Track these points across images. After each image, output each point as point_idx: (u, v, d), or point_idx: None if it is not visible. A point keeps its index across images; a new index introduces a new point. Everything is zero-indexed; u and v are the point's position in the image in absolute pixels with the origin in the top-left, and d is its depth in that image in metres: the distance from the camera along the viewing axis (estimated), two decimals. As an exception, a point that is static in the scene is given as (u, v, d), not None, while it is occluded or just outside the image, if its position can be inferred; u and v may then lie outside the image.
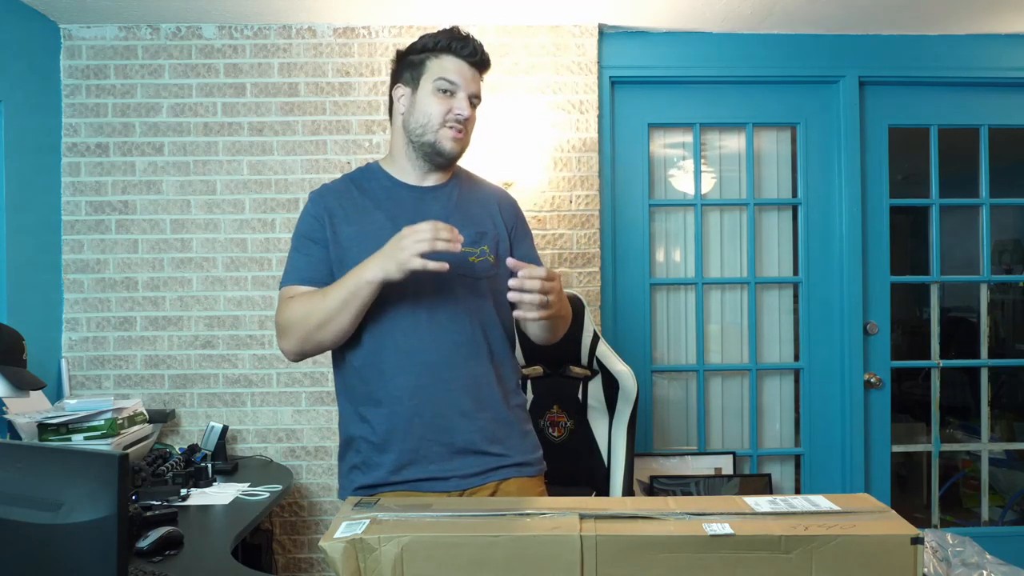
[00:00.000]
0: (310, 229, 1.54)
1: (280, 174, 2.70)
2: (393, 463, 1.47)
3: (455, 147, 1.53)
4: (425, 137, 1.52)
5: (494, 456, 1.50)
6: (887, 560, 0.98)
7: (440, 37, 1.54)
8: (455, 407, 1.48)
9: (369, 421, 1.50)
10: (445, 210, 1.55)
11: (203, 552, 1.63)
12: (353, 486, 1.52)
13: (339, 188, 1.59)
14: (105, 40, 2.69)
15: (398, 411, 1.47)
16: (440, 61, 1.52)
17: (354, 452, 1.53)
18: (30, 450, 1.23)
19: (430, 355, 1.46)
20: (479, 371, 1.50)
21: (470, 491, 1.48)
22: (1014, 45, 2.83)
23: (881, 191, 2.87)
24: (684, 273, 2.94)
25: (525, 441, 1.57)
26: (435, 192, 1.58)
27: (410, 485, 1.47)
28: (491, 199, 1.64)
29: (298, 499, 2.70)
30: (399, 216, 1.51)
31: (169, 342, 2.69)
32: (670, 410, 2.94)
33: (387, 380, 1.48)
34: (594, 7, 2.58)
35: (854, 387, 2.83)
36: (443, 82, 1.51)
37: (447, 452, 1.48)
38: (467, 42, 1.53)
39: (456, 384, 1.48)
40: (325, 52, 2.70)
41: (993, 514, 3.11)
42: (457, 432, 1.48)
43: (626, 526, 1.03)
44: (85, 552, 1.05)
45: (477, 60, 1.54)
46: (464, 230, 1.51)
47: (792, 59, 2.81)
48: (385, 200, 1.55)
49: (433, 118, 1.51)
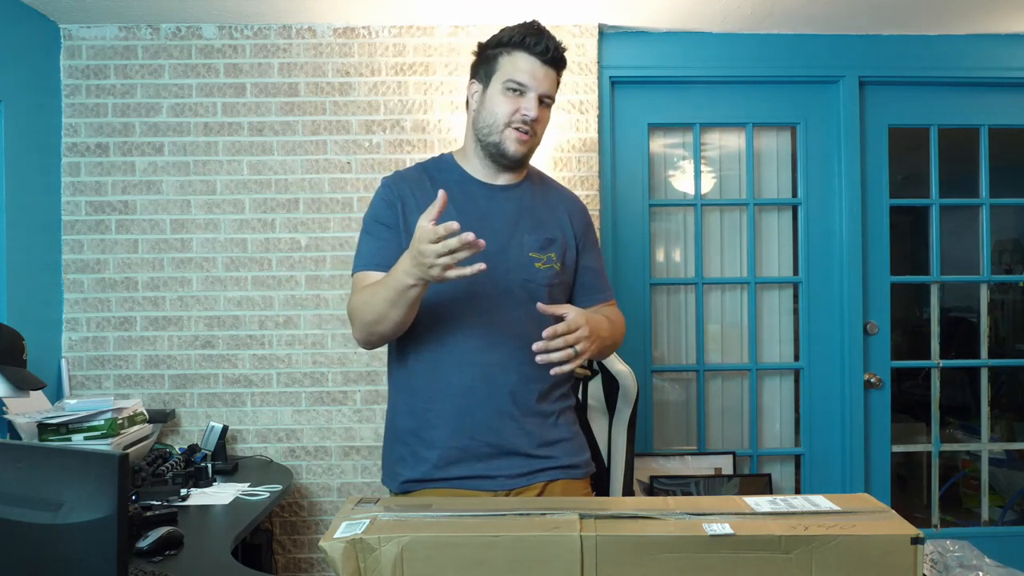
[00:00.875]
0: (383, 214, 1.53)
1: (280, 174, 2.71)
2: (439, 459, 1.48)
3: (519, 149, 1.50)
4: (491, 137, 1.51)
5: (540, 459, 1.51)
6: (887, 560, 0.98)
7: (515, 32, 1.51)
8: (505, 410, 1.48)
9: (419, 415, 1.51)
10: (516, 212, 1.55)
11: (203, 552, 1.63)
12: (399, 479, 1.52)
13: (412, 176, 1.57)
14: (105, 40, 2.69)
15: (449, 408, 1.48)
16: (512, 59, 1.50)
17: (401, 444, 1.54)
18: (30, 450, 1.23)
19: (486, 356, 1.46)
20: (533, 376, 1.49)
21: (516, 491, 1.49)
22: (1014, 45, 2.83)
23: (881, 191, 2.87)
24: (684, 273, 2.94)
25: (573, 444, 1.57)
26: (507, 192, 1.56)
27: (456, 483, 1.48)
28: (562, 205, 1.62)
29: (298, 499, 2.70)
30: (470, 213, 1.51)
31: (169, 342, 2.69)
32: (670, 410, 2.94)
33: (441, 377, 1.48)
34: (594, 7, 2.58)
35: (854, 387, 2.83)
36: (512, 83, 1.49)
37: (494, 452, 1.48)
38: (541, 38, 1.49)
39: (509, 388, 1.48)
40: (325, 52, 2.70)
41: (993, 514, 3.11)
42: (505, 434, 1.48)
43: (626, 526, 1.03)
44: (85, 552, 1.05)
45: (550, 58, 1.50)
46: (533, 233, 1.53)
47: (792, 59, 2.81)
48: (458, 195, 1.53)
49: (499, 118, 1.50)
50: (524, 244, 1.52)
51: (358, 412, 2.70)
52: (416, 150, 2.70)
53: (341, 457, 2.70)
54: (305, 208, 2.70)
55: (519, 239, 1.53)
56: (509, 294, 1.49)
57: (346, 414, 2.70)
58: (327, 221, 2.70)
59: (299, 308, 2.70)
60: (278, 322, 2.70)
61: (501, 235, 1.52)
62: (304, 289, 2.70)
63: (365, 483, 2.70)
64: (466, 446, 1.48)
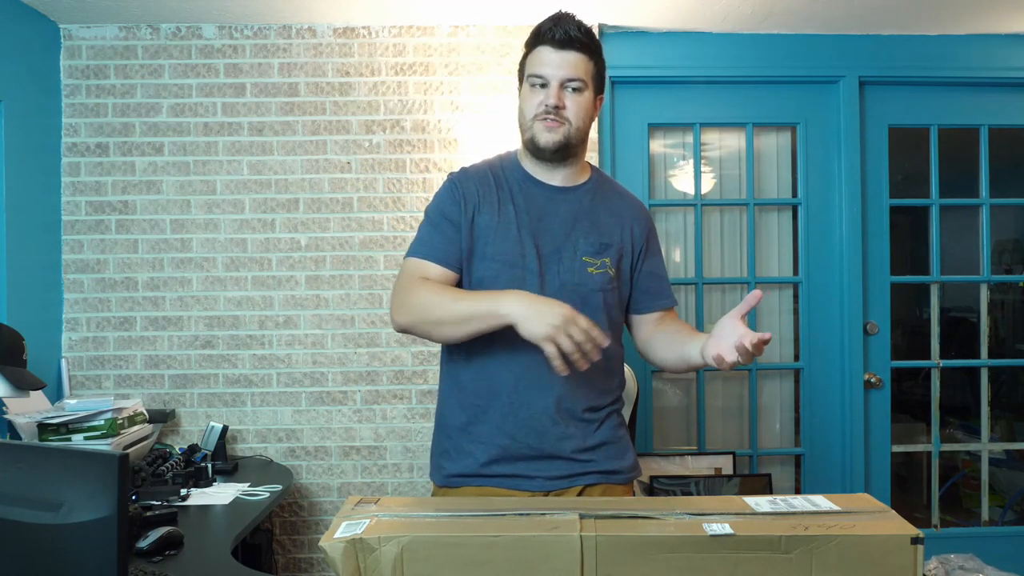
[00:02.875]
0: (449, 209, 1.52)
1: (280, 174, 2.70)
2: (484, 455, 1.49)
3: (549, 137, 1.48)
4: (526, 134, 1.51)
5: (581, 462, 1.50)
6: (887, 560, 0.98)
7: (536, 29, 1.50)
8: (548, 413, 1.48)
9: (465, 411, 1.51)
10: (575, 213, 1.53)
11: (203, 552, 1.63)
12: (443, 473, 1.53)
13: (479, 174, 1.56)
14: (105, 40, 2.69)
15: (495, 406, 1.48)
16: (534, 55, 1.50)
17: (445, 437, 1.55)
18: (30, 450, 1.23)
19: (534, 358, 1.42)
20: (579, 381, 1.47)
21: (556, 492, 1.49)
22: (1014, 45, 2.83)
23: (881, 191, 2.87)
24: (684, 273, 2.94)
25: (615, 448, 1.56)
26: (567, 193, 1.55)
27: (497, 480, 1.48)
28: (626, 210, 1.60)
29: (298, 499, 2.70)
30: (530, 212, 1.51)
31: (169, 342, 2.69)
32: (670, 410, 2.94)
33: (489, 375, 1.48)
34: (594, 7, 2.58)
35: (854, 387, 2.83)
36: (533, 77, 1.49)
37: (535, 454, 1.48)
38: (556, 26, 1.46)
39: (554, 392, 1.47)
40: (325, 52, 2.70)
41: (993, 514, 3.11)
42: (547, 437, 1.48)
43: (626, 526, 1.03)
44: (85, 552, 1.05)
45: (567, 41, 1.46)
46: (588, 237, 1.52)
47: (792, 59, 2.81)
48: (519, 194, 1.53)
49: (527, 114, 1.50)
50: (579, 248, 1.51)
51: (358, 412, 2.70)
52: (416, 150, 2.70)
53: (341, 457, 2.70)
54: (305, 208, 2.70)
55: (574, 242, 1.52)
56: (560, 297, 1.44)
57: (346, 414, 2.70)
58: (327, 221, 2.71)
59: (299, 308, 2.70)
60: (278, 322, 2.70)
61: (556, 237, 1.51)
62: (304, 289, 2.70)
63: (365, 483, 2.70)
64: (507, 445, 1.48)
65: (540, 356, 1.35)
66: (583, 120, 1.51)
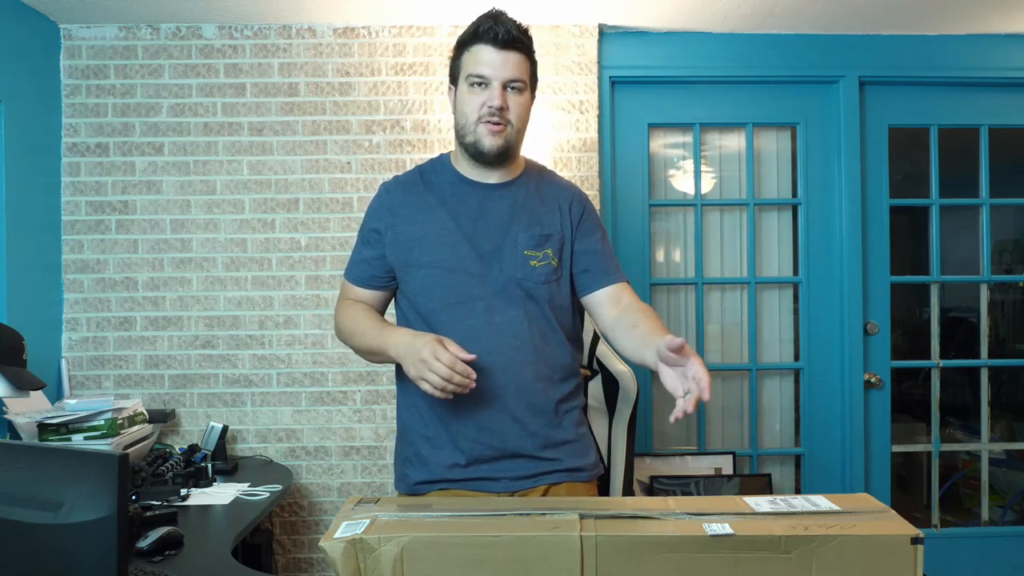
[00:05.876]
0: (370, 230, 1.57)
1: (280, 174, 2.70)
2: (447, 459, 1.48)
3: (494, 142, 1.45)
4: (467, 138, 1.48)
5: (545, 461, 1.50)
6: (887, 560, 0.98)
7: (472, 26, 1.47)
8: (508, 412, 1.47)
9: (424, 417, 1.51)
10: (511, 208, 1.52)
11: (203, 552, 1.63)
12: (408, 482, 1.53)
13: (407, 182, 1.58)
14: (105, 40, 2.69)
15: (452, 410, 1.47)
16: (472, 54, 1.47)
17: (407, 444, 1.55)
18: (30, 450, 1.23)
19: (487, 359, 1.42)
20: (534, 377, 1.48)
21: (520, 493, 1.48)
22: (1014, 45, 2.83)
23: (881, 191, 2.87)
24: (684, 273, 2.94)
25: (578, 446, 1.55)
26: (500, 191, 1.54)
27: (462, 484, 1.48)
28: (561, 197, 1.57)
29: (298, 499, 2.70)
30: (462, 215, 1.50)
31: (169, 342, 2.69)
32: (670, 410, 2.93)
33: None
34: (594, 7, 2.57)
35: (854, 387, 2.83)
36: (473, 76, 1.45)
37: (498, 455, 1.48)
38: (494, 25, 1.43)
39: (510, 389, 1.47)
40: (325, 52, 2.70)
41: (993, 514, 3.11)
42: (509, 437, 1.48)
43: (626, 526, 1.03)
44: (85, 552, 1.05)
45: (507, 41, 1.43)
46: (528, 231, 1.51)
47: (792, 59, 2.81)
48: (450, 197, 1.52)
49: (469, 116, 1.46)
50: (519, 243, 1.50)
51: (358, 412, 2.70)
52: (416, 150, 2.70)
53: (341, 457, 2.70)
54: (305, 208, 2.70)
55: (513, 238, 1.50)
56: (505, 294, 1.47)
57: (346, 414, 2.70)
58: (327, 221, 2.70)
59: (299, 308, 2.70)
60: (278, 322, 2.70)
61: (495, 235, 1.50)
62: (304, 289, 2.70)
63: (365, 483, 2.70)
64: (469, 448, 1.47)
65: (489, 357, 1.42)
66: (524, 121, 1.50)
